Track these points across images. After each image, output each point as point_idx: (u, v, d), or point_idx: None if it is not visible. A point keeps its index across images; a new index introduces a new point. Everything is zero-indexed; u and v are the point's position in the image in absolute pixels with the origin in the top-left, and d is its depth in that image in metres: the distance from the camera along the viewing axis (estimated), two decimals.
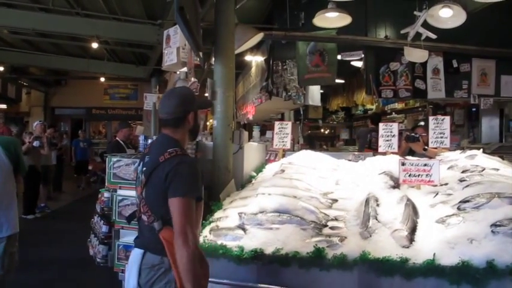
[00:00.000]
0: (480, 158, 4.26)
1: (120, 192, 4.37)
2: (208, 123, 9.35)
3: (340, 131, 15.39)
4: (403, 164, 3.80)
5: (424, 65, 7.85)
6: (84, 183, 15.84)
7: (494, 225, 2.98)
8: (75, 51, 13.86)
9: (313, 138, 11.58)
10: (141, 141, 5.63)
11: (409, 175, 3.77)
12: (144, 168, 2.56)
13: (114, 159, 4.41)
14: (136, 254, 2.53)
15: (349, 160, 4.91)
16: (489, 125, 9.35)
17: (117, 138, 8.21)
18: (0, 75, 16.43)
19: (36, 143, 9.68)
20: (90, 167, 15.97)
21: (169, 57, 4.99)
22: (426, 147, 4.93)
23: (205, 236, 3.37)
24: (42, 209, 10.72)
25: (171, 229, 2.35)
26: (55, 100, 20.09)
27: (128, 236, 4.26)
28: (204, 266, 2.41)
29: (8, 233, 4.19)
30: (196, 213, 2.47)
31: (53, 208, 11.29)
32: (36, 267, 6.20)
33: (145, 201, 2.49)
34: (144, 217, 2.49)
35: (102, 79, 17.99)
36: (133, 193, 4.28)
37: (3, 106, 17.47)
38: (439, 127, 4.79)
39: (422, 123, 6.93)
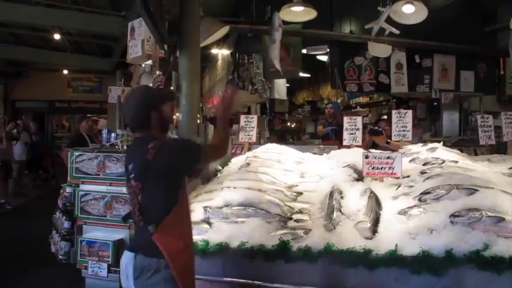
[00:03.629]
0: (440, 151, 4.38)
1: (83, 187, 4.28)
2: (174, 117, 9.26)
3: (306, 124, 15.51)
4: (366, 157, 3.86)
5: (387, 59, 7.99)
6: (37, 180, 15.21)
7: (453, 215, 3.06)
8: (36, 42, 13.44)
9: (282, 132, 11.64)
10: (104, 135, 5.53)
11: (373, 168, 3.84)
12: (133, 175, 2.52)
13: (76, 153, 4.31)
14: (128, 256, 2.50)
15: (314, 153, 4.97)
16: (449, 119, 9.63)
17: (81, 132, 8.02)
18: None
19: None
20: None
21: (134, 50, 4.91)
22: (389, 140, 5.02)
23: None
24: (2, 206, 10.41)
25: (166, 233, 2.40)
26: (16, 93, 19.40)
27: (91, 232, 4.18)
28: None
29: None
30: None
31: (14, 204, 10.96)
32: None
33: (139, 205, 2.48)
34: (138, 220, 2.50)
35: (65, 71, 17.52)
36: (96, 188, 4.23)
37: None
38: (402, 120, 4.89)
39: (385, 116, 7.05)
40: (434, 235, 3.00)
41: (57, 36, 10.88)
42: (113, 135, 5.30)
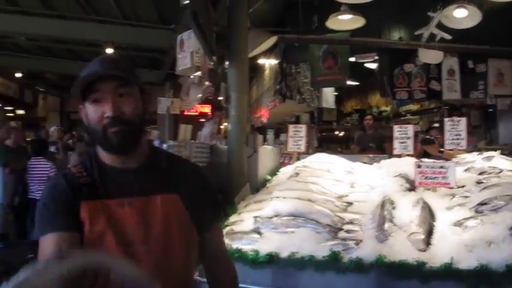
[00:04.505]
0: (497, 160, 4.21)
1: None
2: (222, 127, 9.38)
3: (354, 133, 15.32)
4: (418, 167, 3.77)
5: (439, 66, 7.79)
6: None
7: None
8: (89, 56, 13.98)
9: (327, 141, 11.57)
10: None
11: (425, 177, 3.73)
12: None
13: None
14: None
15: (364, 163, 4.88)
16: (506, 126, 9.22)
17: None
18: (17, 81, 16.67)
19: (52, 148, 9.79)
20: None
21: (183, 62, 5.03)
22: (442, 149, 4.87)
23: None
24: None
25: None
26: (71, 105, 20.26)
27: None
28: None
29: None
30: None
31: None
32: None
33: None
34: None
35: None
36: None
37: (21, 111, 17.72)
38: (455, 128, 4.73)
39: (436, 124, 6.87)
40: (493, 248, 2.87)
41: (109, 51, 11.30)
42: (164, 146, 5.42)
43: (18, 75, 15.89)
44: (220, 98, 4.97)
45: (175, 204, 1.61)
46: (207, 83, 5.14)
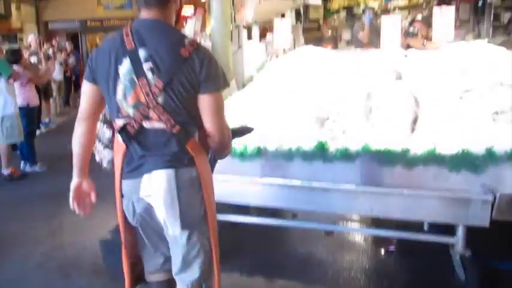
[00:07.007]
0: (485, 47, 4.16)
1: None
2: (207, 30, 9.09)
3: (342, 31, 14.97)
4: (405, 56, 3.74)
5: None
6: (76, 99, 15.62)
7: (495, 112, 2.98)
8: None
9: (313, 40, 11.31)
10: None
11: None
12: (150, 66, 1.90)
13: None
14: (167, 174, 1.95)
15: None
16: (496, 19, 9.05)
17: None
18: None
19: (33, 59, 9.49)
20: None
21: None
22: (425, 41, 4.77)
23: None
24: (47, 125, 10.80)
25: (193, 137, 2.00)
26: (47, 14, 19.41)
27: None
28: None
29: None
30: None
31: (58, 123, 11.38)
32: (49, 177, 6.37)
33: (162, 108, 1.91)
34: (163, 126, 1.94)
35: None
36: None
37: None
38: (443, 18, 4.62)
39: (419, 17, 6.63)
40: (475, 133, 2.95)
41: None
42: None
43: None
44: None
45: None
46: None
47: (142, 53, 1.92)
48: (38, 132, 9.92)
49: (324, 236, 3.87)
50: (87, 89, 2.08)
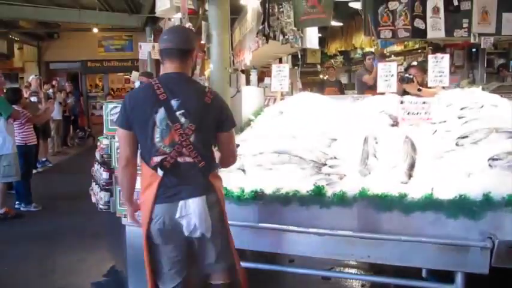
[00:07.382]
0: (479, 94, 4.23)
1: None
2: (206, 73, 9.24)
3: (339, 75, 15.24)
4: (401, 103, 3.78)
5: (423, 3, 7.61)
6: (75, 139, 15.67)
7: (491, 159, 2.99)
8: (65, 1, 13.50)
9: (311, 85, 11.50)
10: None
11: (408, 113, 3.75)
12: (183, 113, 2.43)
13: (110, 105, 4.38)
14: (201, 200, 2.49)
15: None
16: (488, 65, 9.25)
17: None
18: None
19: (33, 99, 9.57)
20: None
21: (162, 2, 4.86)
22: (420, 87, 4.84)
23: None
24: (44, 164, 10.78)
25: (213, 170, 2.62)
26: (49, 54, 19.70)
27: None
28: None
29: None
30: None
31: (54, 162, 11.36)
32: (43, 217, 6.30)
33: (193, 146, 2.46)
34: (192, 160, 2.48)
35: (95, 30, 17.59)
36: None
37: None
38: (438, 65, 4.71)
39: (415, 63, 6.76)
40: (472, 178, 2.95)
41: None
42: None
43: None
44: (202, 42, 4.84)
45: None
46: (188, 24, 4.98)
47: (174, 103, 2.45)
48: (34, 171, 9.91)
49: (321, 281, 3.80)
50: (124, 135, 2.54)
